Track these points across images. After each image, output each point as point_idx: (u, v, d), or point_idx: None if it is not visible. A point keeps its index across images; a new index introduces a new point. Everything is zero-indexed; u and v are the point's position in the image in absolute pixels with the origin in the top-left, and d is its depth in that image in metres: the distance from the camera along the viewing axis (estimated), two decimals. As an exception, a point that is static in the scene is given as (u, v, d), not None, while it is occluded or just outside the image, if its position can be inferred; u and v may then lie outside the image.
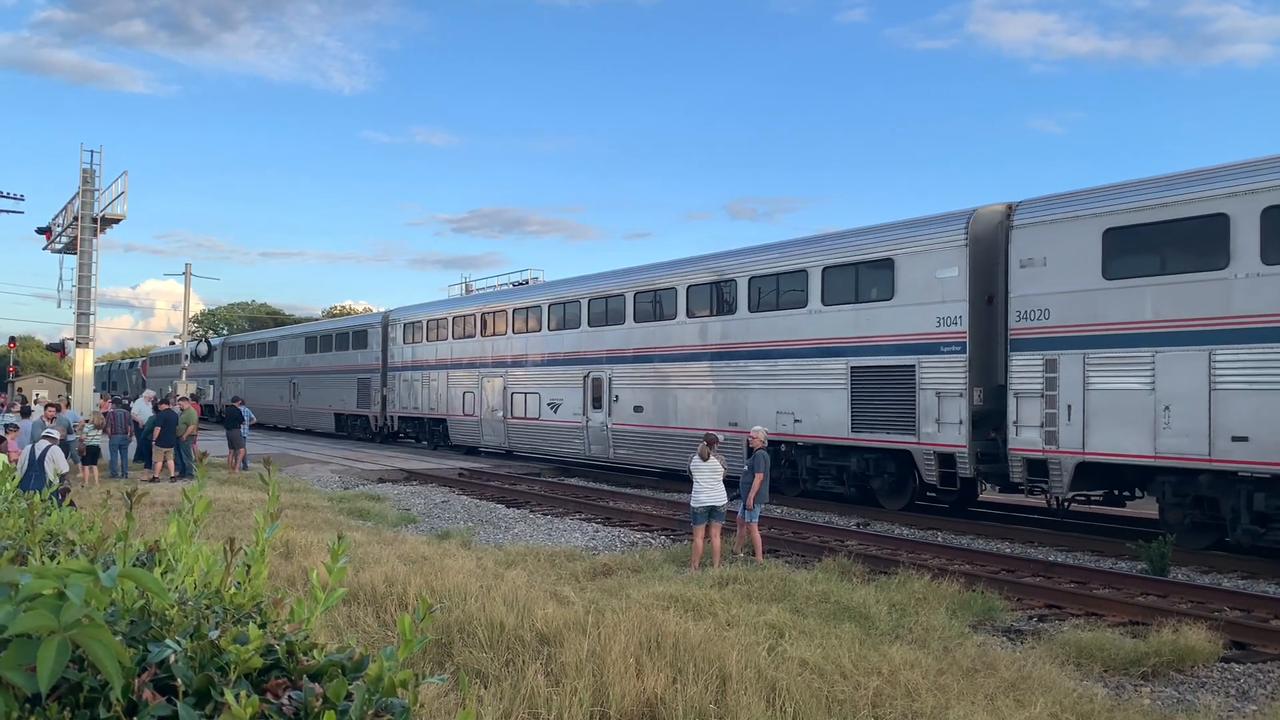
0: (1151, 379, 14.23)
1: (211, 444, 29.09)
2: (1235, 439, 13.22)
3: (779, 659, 7.34)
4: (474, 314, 32.15)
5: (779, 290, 20.54)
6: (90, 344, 33.59)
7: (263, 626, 1.81)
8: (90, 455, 21.26)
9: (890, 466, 18.38)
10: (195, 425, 24.21)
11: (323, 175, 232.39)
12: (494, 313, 31.10)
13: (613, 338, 25.30)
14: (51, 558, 2.66)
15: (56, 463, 14.31)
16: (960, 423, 16.79)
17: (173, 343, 67.98)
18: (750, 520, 13.69)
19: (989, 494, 20.00)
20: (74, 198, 33.43)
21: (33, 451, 14.57)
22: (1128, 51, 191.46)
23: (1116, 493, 15.93)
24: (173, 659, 1.60)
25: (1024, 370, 15.85)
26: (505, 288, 33.71)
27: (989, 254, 16.96)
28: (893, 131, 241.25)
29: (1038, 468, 15.66)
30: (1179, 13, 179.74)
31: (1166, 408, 14.01)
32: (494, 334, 30.82)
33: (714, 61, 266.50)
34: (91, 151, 33.23)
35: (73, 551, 2.81)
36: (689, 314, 22.86)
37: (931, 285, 17.41)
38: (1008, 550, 15.32)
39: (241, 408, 26.52)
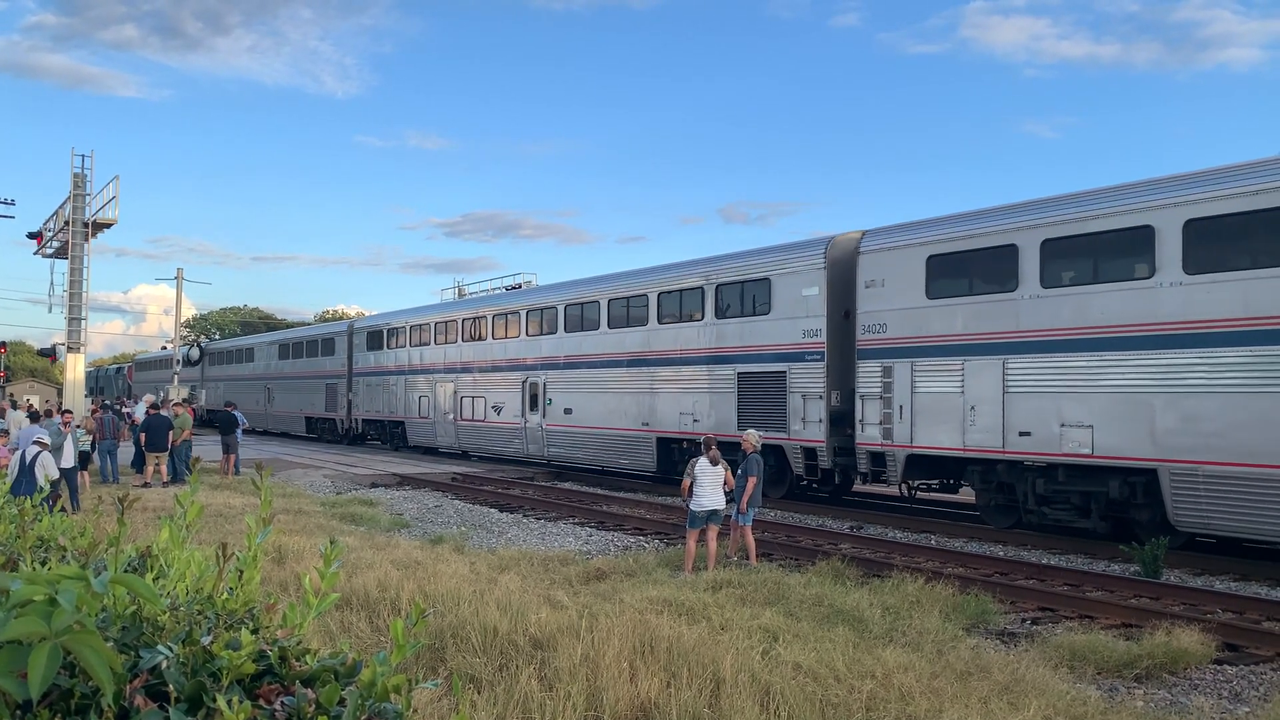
0: (962, 383, 16.63)
1: (202, 448, 28.99)
2: (1021, 434, 15.74)
3: (773, 663, 7.34)
4: (428, 324, 34.40)
5: (681, 305, 23.04)
6: (81, 349, 33.48)
7: (255, 632, 1.81)
8: (81, 460, 21.17)
9: (770, 460, 19.62)
10: (190, 430, 24.15)
11: (315, 179, 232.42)
12: (446, 322, 33.32)
13: (547, 346, 27.70)
14: (43, 563, 2.65)
15: (47, 468, 14.24)
16: (821, 421, 19.31)
17: (164, 347, 67.90)
18: (744, 524, 13.70)
19: (860, 485, 21.95)
20: (65, 202, 33.35)
21: (23, 457, 14.50)
22: (1120, 56, 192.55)
23: (949, 481, 18.25)
24: (165, 665, 1.60)
25: (868, 376, 18.35)
26: (459, 298, 35.93)
27: (845, 275, 19.20)
28: (886, 135, 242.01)
29: (879, 459, 18.15)
30: (1171, 17, 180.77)
31: (973, 408, 16.43)
32: (445, 342, 33.00)
33: (708, 65, 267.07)
34: (83, 156, 33.19)
35: (64, 557, 2.80)
36: (609, 325, 25.26)
37: (799, 302, 19.90)
38: (1001, 553, 15.34)
39: (235, 412, 26.46)
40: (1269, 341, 12.80)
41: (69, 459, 18.43)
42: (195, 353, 55.32)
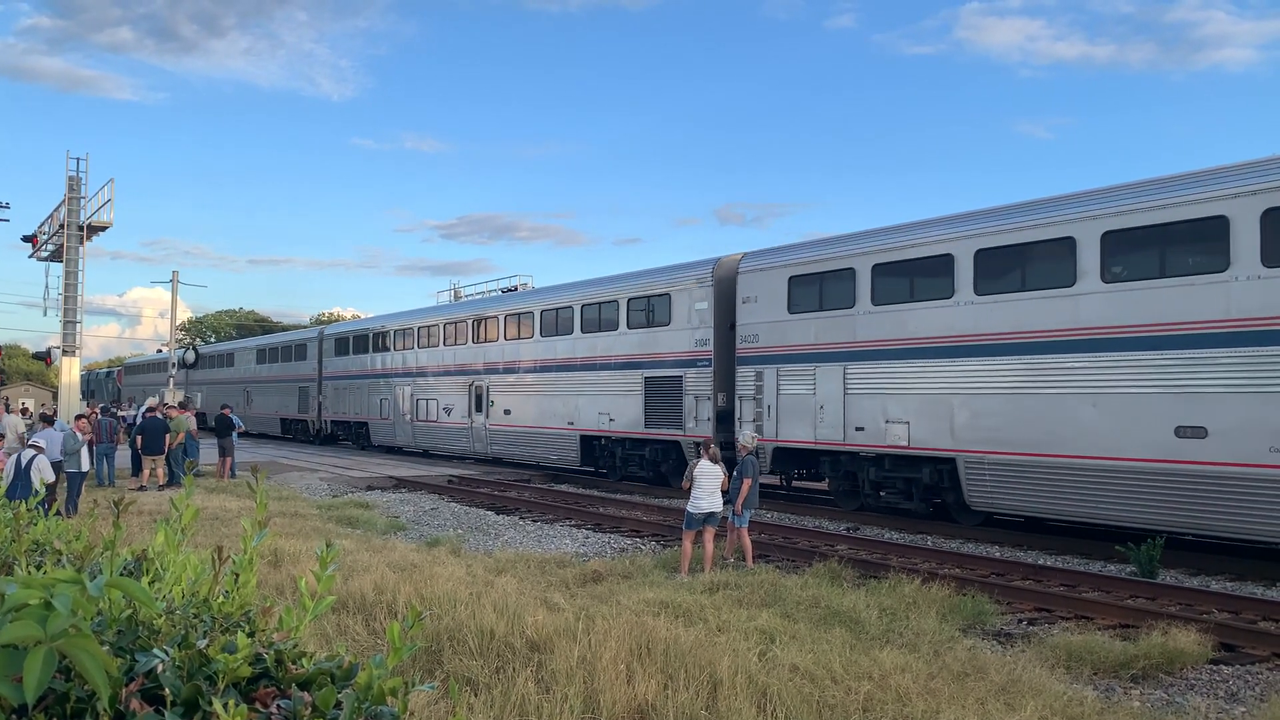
0: (814, 386, 19.27)
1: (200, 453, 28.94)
2: (857, 429, 18.37)
3: (770, 664, 7.34)
4: (388, 331, 36.91)
5: (600, 316, 25.54)
6: (77, 352, 33.45)
7: (251, 635, 1.81)
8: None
9: (672, 454, 23.14)
10: (185, 433, 24.10)
11: (311, 182, 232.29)
12: (403, 330, 35.78)
13: (490, 353, 30.16)
14: (38, 567, 2.64)
15: (43, 472, 14.22)
16: (709, 419, 21.82)
17: (160, 350, 67.82)
18: (740, 525, 13.70)
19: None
20: (60, 205, 33.32)
21: (19, 460, 14.48)
22: (1115, 56, 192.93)
23: (812, 470, 20.59)
24: (160, 668, 1.59)
25: (744, 380, 20.86)
26: (426, 306, 37.60)
27: (729, 292, 21.68)
28: (881, 136, 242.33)
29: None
30: (1165, 17, 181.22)
31: (821, 406, 19.08)
32: (404, 349, 35.49)
33: (704, 67, 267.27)
34: (78, 159, 33.18)
35: (59, 561, 2.79)
36: (542, 334, 27.83)
37: (692, 315, 22.49)
38: (997, 554, 15.36)
39: (231, 415, 26.43)
40: (1033, 351, 15.52)
41: (84, 463, 18.52)
42: (191, 356, 55.27)
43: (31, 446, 15.14)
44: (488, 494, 23.12)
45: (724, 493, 13.30)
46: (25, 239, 36.32)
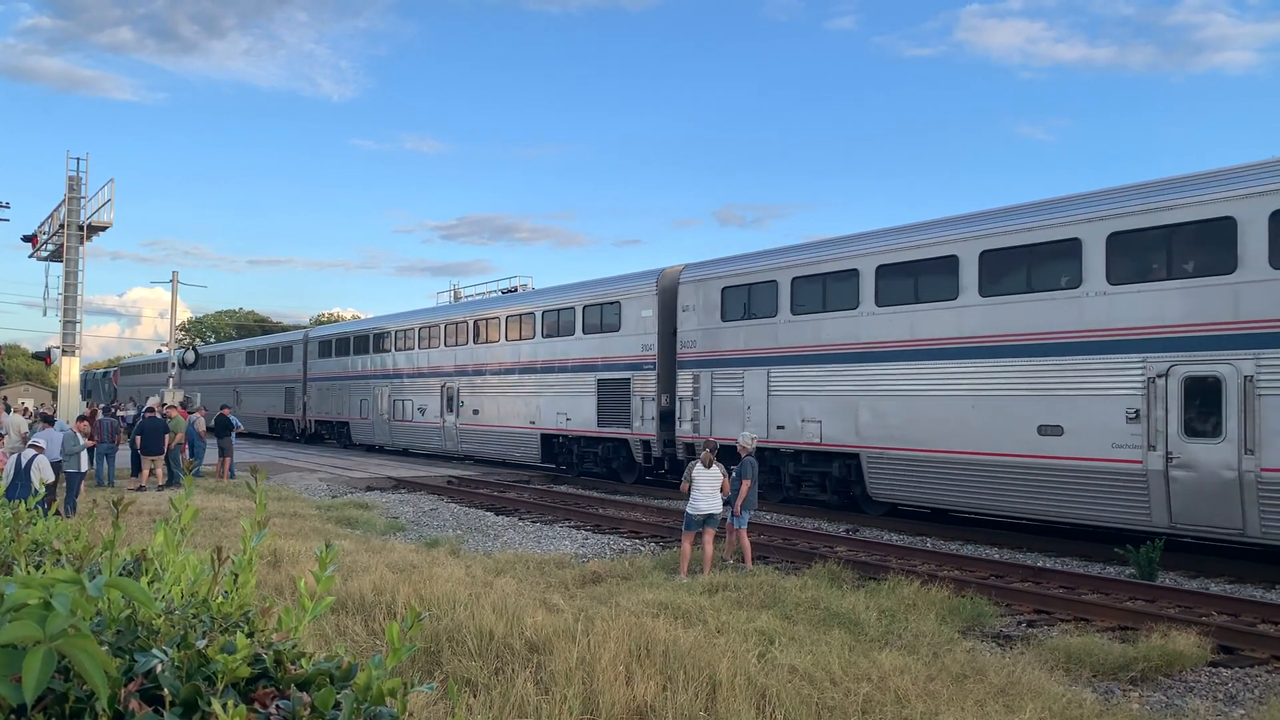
0: (742, 388, 20.91)
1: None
2: (779, 427, 19.98)
3: (769, 666, 7.33)
4: (367, 334, 38.73)
5: (559, 322, 27.25)
6: (76, 352, 33.43)
7: (250, 635, 1.81)
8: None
9: (622, 451, 24.83)
10: (183, 434, 24.10)
11: (311, 183, 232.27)
12: (381, 333, 37.44)
13: (461, 356, 31.82)
14: (37, 567, 2.64)
15: (43, 472, 14.22)
16: (653, 419, 23.39)
17: (160, 350, 67.93)
18: (739, 527, 13.69)
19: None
20: (60, 205, 33.31)
21: (19, 460, 14.48)
22: (1115, 59, 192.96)
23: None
24: (160, 669, 1.59)
25: (684, 382, 22.60)
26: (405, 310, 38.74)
27: (671, 301, 23.48)
28: (881, 138, 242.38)
29: (691, 449, 21.99)
30: (1166, 20, 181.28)
31: (749, 407, 20.74)
32: (382, 351, 37.08)
33: (704, 68, 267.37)
34: (78, 159, 33.15)
35: (59, 561, 2.79)
36: (507, 339, 29.47)
37: (639, 322, 24.11)
38: (996, 556, 15.35)
39: (230, 416, 26.43)
40: (923, 357, 17.17)
41: (83, 463, 18.54)
42: (191, 356, 55.34)
43: (32, 446, 15.13)
44: (487, 495, 23.11)
45: (720, 492, 13.28)
46: (25, 239, 36.30)
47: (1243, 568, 13.82)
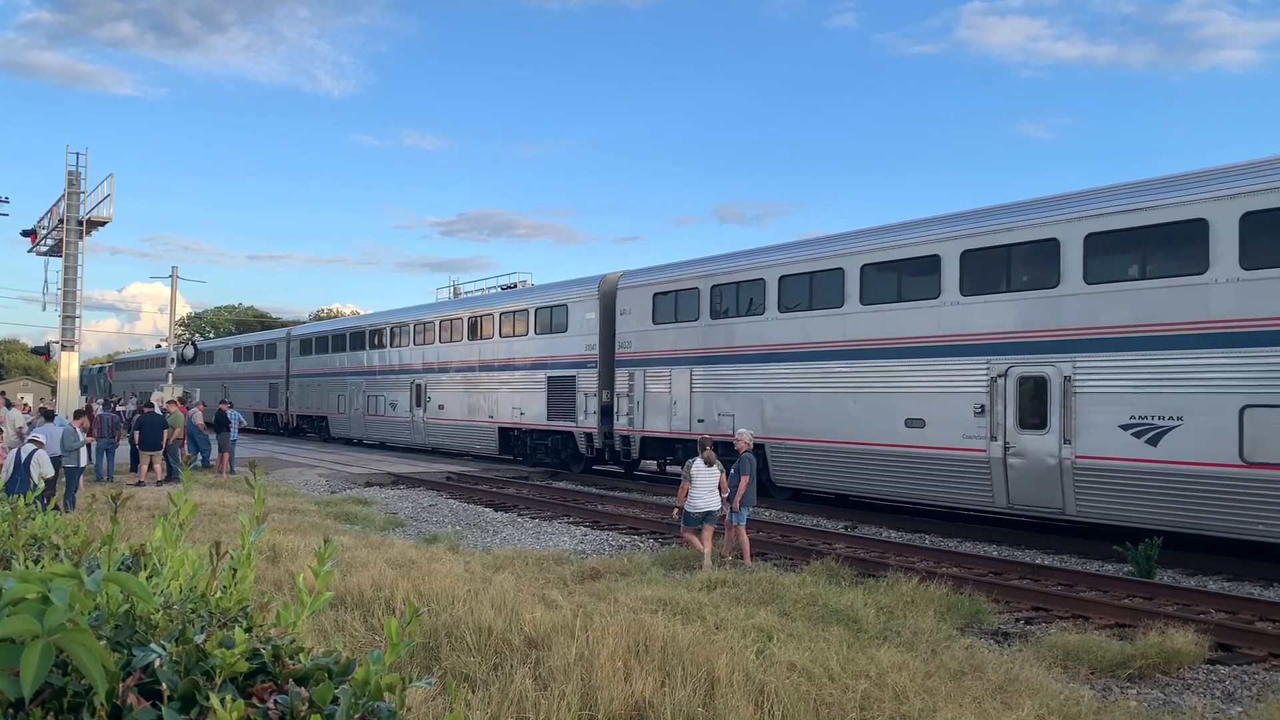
0: (669, 386, 22.88)
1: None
2: (699, 420, 22.08)
3: (767, 662, 7.34)
4: (344, 333, 41.00)
5: (513, 323, 29.34)
6: (76, 347, 33.40)
7: (249, 630, 1.80)
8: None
9: (570, 443, 26.76)
10: (182, 429, 24.10)
11: (311, 178, 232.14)
12: (356, 333, 39.72)
13: (429, 354, 33.93)
14: (36, 562, 2.64)
15: (42, 466, 14.22)
16: (595, 413, 25.27)
17: (159, 345, 68.15)
18: (738, 523, 13.70)
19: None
20: (59, 200, 33.25)
21: (18, 455, 14.48)
22: (1115, 57, 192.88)
23: (674, 457, 23.54)
24: (158, 663, 1.59)
25: (621, 379, 24.42)
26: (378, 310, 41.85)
27: (612, 304, 25.21)
28: (882, 136, 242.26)
29: (627, 441, 24.38)
30: (1166, 18, 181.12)
31: (674, 403, 22.69)
32: (357, 350, 39.27)
33: (705, 65, 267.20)
34: (77, 154, 33.08)
35: (57, 555, 2.79)
36: (468, 338, 31.54)
37: (584, 323, 26.06)
38: (995, 553, 15.37)
39: (229, 411, 26.42)
40: (816, 358, 19.18)
41: (82, 458, 18.54)
42: (190, 351, 55.55)
43: (31, 441, 15.13)
44: (486, 491, 23.12)
45: (719, 490, 13.28)
46: (24, 234, 36.22)
47: (1240, 565, 13.82)
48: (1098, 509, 14.69)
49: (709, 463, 13.21)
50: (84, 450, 18.67)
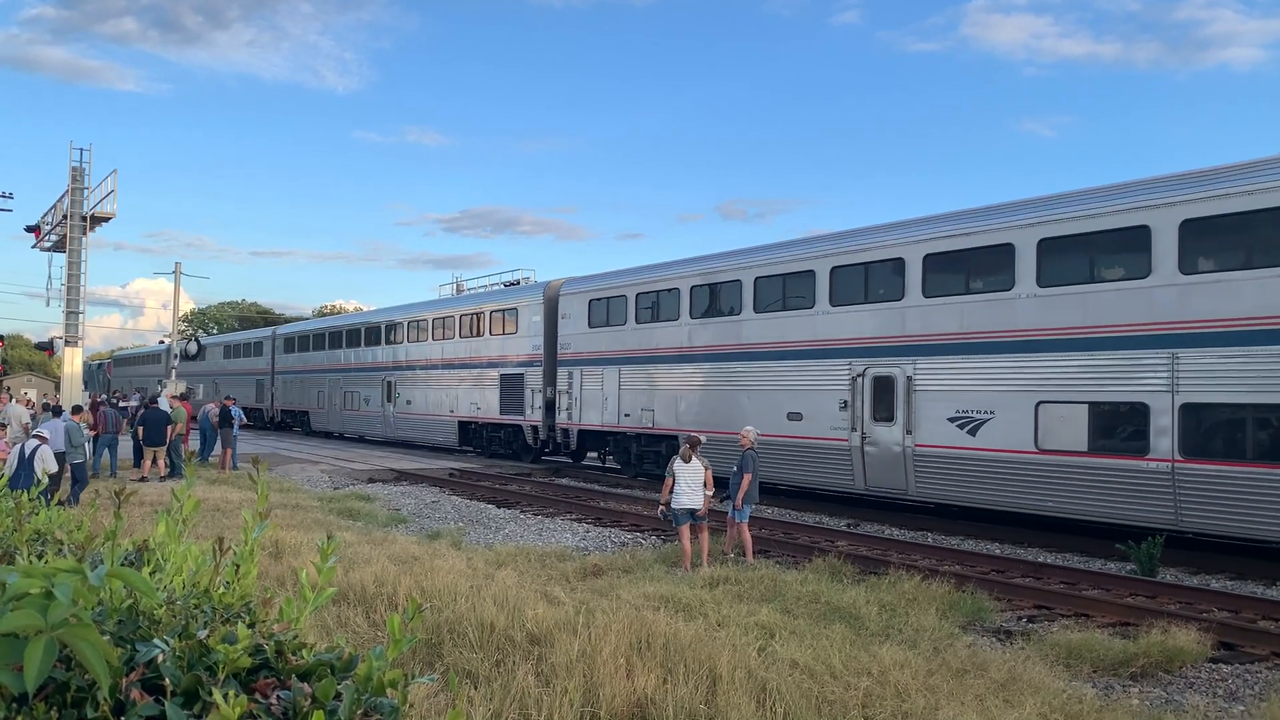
0: (601, 384, 25.32)
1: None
2: (625, 415, 24.55)
3: (769, 659, 7.35)
4: (324, 333, 43.81)
5: (472, 325, 31.91)
6: (79, 343, 33.45)
7: (251, 626, 1.81)
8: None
9: (520, 436, 29.47)
10: (183, 424, 24.12)
11: (314, 175, 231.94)
12: (335, 332, 42.55)
13: (398, 353, 36.52)
14: (39, 557, 2.65)
15: (45, 462, 14.24)
16: (540, 408, 27.81)
17: (161, 341, 68.56)
18: (740, 520, 13.69)
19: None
20: (63, 196, 33.29)
21: (22, 450, 14.50)
22: (1120, 55, 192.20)
23: (608, 449, 26.61)
24: (161, 658, 1.60)
25: (562, 378, 26.99)
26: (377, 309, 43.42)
27: (555, 309, 27.76)
28: (885, 134, 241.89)
29: (566, 434, 26.99)
30: (1172, 16, 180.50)
31: (606, 399, 25.15)
32: (333, 348, 42.09)
33: (708, 63, 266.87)
34: (81, 150, 33.14)
35: (60, 551, 2.80)
36: (432, 338, 34.23)
37: (532, 326, 28.70)
38: (997, 551, 15.37)
39: (233, 407, 26.44)
40: (718, 360, 21.83)
41: (87, 453, 18.55)
42: (193, 347, 55.82)
43: (35, 437, 15.15)
44: (489, 488, 23.14)
45: (705, 487, 13.22)
46: (28, 229, 36.29)
47: (1243, 564, 13.81)
48: (932, 490, 17.17)
49: (686, 459, 13.17)
50: (87, 445, 18.66)
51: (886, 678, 7.11)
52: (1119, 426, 14.72)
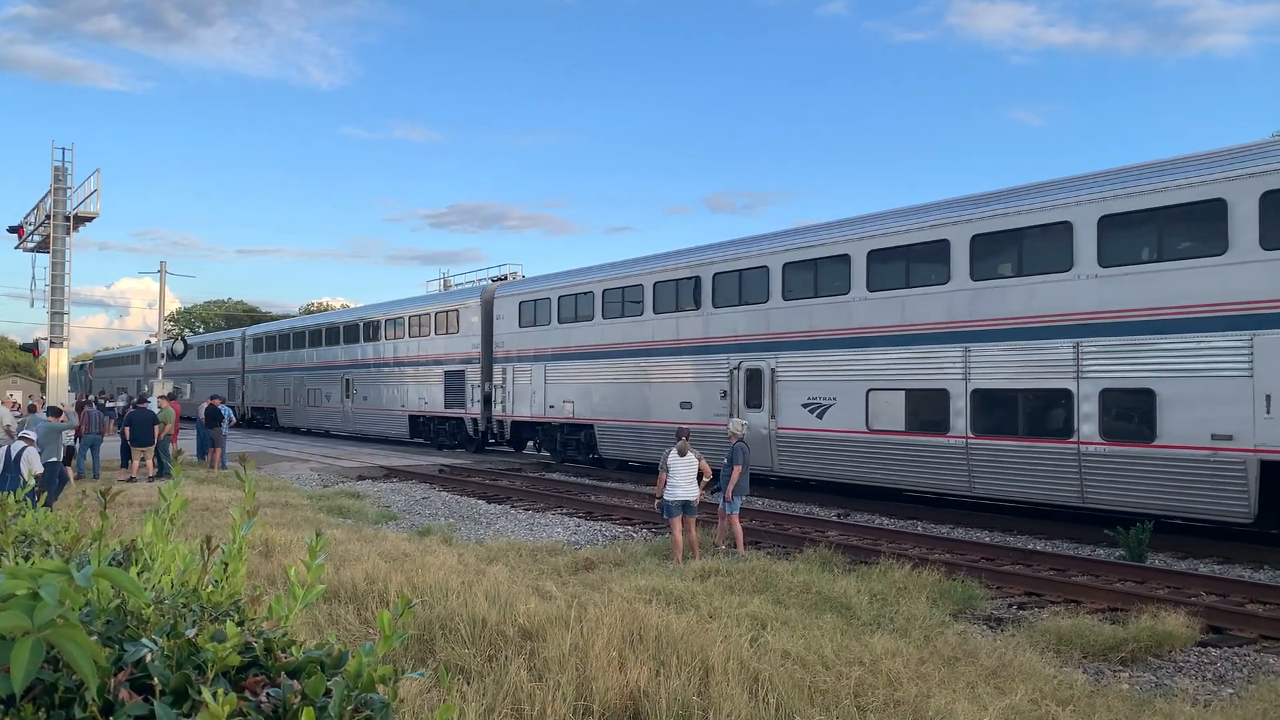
0: (530, 379, 28.03)
1: (187, 443, 28.90)
2: (550, 407, 27.18)
3: (761, 650, 7.36)
4: (288, 333, 46.49)
5: (420, 325, 34.47)
6: (64, 343, 33.23)
7: (240, 624, 1.80)
8: (66, 456, 21.02)
9: (461, 427, 32.01)
10: (172, 424, 24.01)
11: (300, 171, 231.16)
12: (299, 333, 45.28)
13: (355, 352, 39.20)
14: (26, 558, 2.63)
15: (31, 464, 14.16)
16: (479, 402, 30.45)
17: (148, 341, 68.62)
18: (731, 512, 13.72)
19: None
20: (46, 196, 33.04)
21: (8, 453, 14.41)
22: (1106, 42, 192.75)
23: (538, 438, 29.01)
24: (149, 658, 1.59)
25: (497, 374, 29.69)
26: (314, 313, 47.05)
27: (491, 311, 30.33)
28: (873, 124, 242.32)
29: (502, 425, 29.62)
30: (1157, 3, 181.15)
31: (534, 393, 27.80)
32: (297, 348, 44.74)
33: (696, 54, 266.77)
34: (63, 149, 32.85)
35: (47, 552, 2.78)
36: (385, 338, 36.75)
37: (470, 326, 31.20)
38: (987, 539, 15.43)
39: (221, 406, 26.33)
40: (625, 356, 24.42)
41: (59, 454, 18.44)
42: (180, 347, 55.73)
43: (21, 439, 15.07)
44: (479, 483, 23.11)
45: (700, 478, 13.26)
46: (11, 230, 35.99)
47: (1231, 548, 13.91)
48: (791, 466, 19.96)
49: (682, 453, 13.22)
50: (63, 445, 18.46)
51: (878, 666, 7.14)
52: (928, 409, 17.21)
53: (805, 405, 19.44)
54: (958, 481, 16.65)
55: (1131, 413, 14.48)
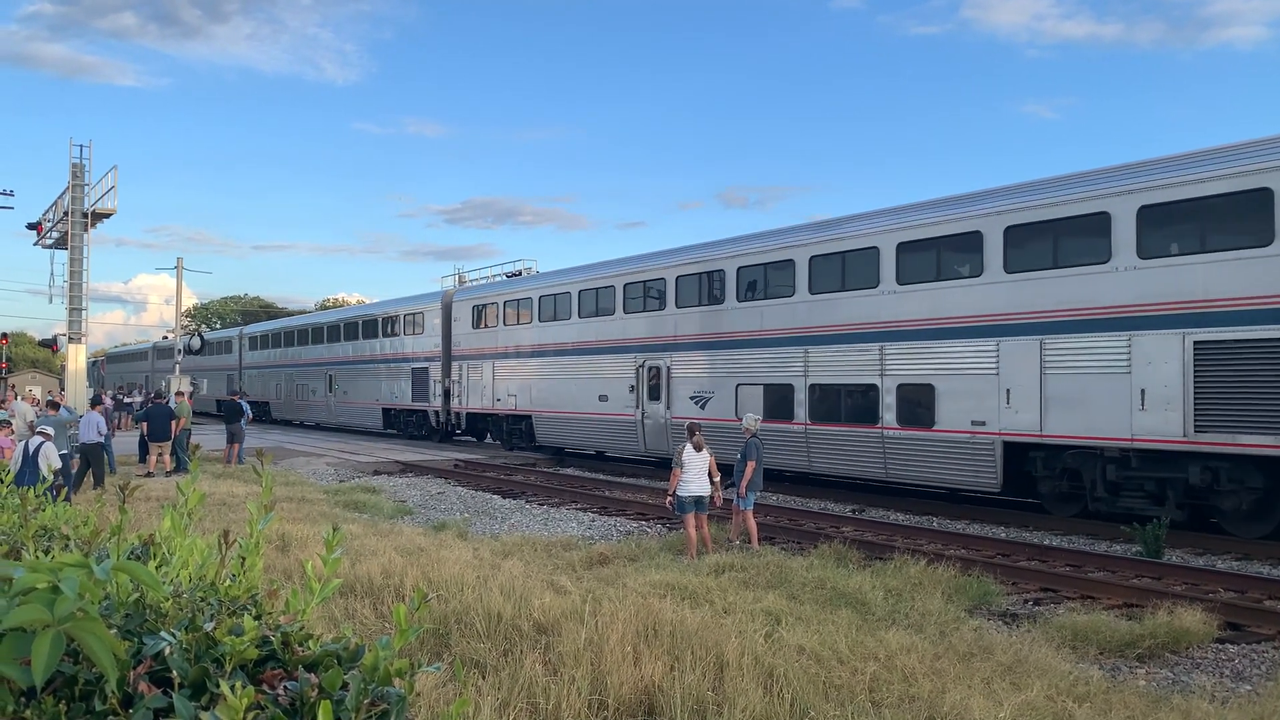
0: (482, 375, 31.07)
1: (205, 438, 29.08)
2: (497, 400, 30.19)
3: (776, 645, 7.36)
4: (280, 332, 50.11)
5: (391, 326, 37.64)
6: (83, 339, 33.50)
7: (258, 618, 1.81)
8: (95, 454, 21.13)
9: (426, 419, 35.23)
10: (189, 419, 24.14)
11: (315, 167, 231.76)
12: (289, 331, 48.49)
13: (335, 350, 42.67)
14: (46, 552, 2.65)
15: (50, 459, 14.27)
16: (440, 396, 33.57)
17: (165, 337, 69.45)
18: (745, 508, 13.71)
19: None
20: (64, 193, 33.30)
21: (26, 447, 14.53)
22: (1123, 35, 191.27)
23: (491, 429, 32.30)
24: (168, 651, 1.60)
25: (455, 371, 32.94)
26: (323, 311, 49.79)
27: (450, 313, 33.51)
28: (886, 118, 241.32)
29: (459, 417, 32.90)
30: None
31: (485, 387, 30.90)
32: (288, 346, 48.21)
33: (709, 49, 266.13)
34: (81, 146, 33.13)
35: (67, 546, 2.80)
36: (362, 338, 40.02)
37: (433, 327, 34.31)
38: (1002, 534, 15.37)
39: (240, 401, 26.46)
40: (556, 355, 27.54)
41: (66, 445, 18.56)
42: (196, 343, 56.18)
43: (39, 434, 15.18)
44: (494, 478, 23.18)
45: (710, 476, 13.26)
46: (30, 226, 36.32)
47: (1249, 545, 13.81)
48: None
49: (698, 448, 13.21)
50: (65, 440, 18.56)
51: (893, 662, 7.12)
52: (780, 401, 20.25)
53: (691, 397, 22.70)
54: (801, 460, 19.86)
55: (918, 404, 17.50)
